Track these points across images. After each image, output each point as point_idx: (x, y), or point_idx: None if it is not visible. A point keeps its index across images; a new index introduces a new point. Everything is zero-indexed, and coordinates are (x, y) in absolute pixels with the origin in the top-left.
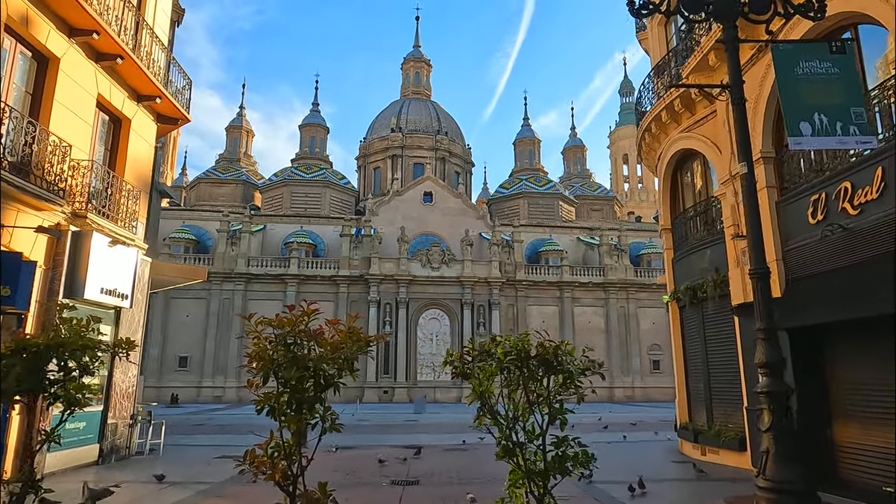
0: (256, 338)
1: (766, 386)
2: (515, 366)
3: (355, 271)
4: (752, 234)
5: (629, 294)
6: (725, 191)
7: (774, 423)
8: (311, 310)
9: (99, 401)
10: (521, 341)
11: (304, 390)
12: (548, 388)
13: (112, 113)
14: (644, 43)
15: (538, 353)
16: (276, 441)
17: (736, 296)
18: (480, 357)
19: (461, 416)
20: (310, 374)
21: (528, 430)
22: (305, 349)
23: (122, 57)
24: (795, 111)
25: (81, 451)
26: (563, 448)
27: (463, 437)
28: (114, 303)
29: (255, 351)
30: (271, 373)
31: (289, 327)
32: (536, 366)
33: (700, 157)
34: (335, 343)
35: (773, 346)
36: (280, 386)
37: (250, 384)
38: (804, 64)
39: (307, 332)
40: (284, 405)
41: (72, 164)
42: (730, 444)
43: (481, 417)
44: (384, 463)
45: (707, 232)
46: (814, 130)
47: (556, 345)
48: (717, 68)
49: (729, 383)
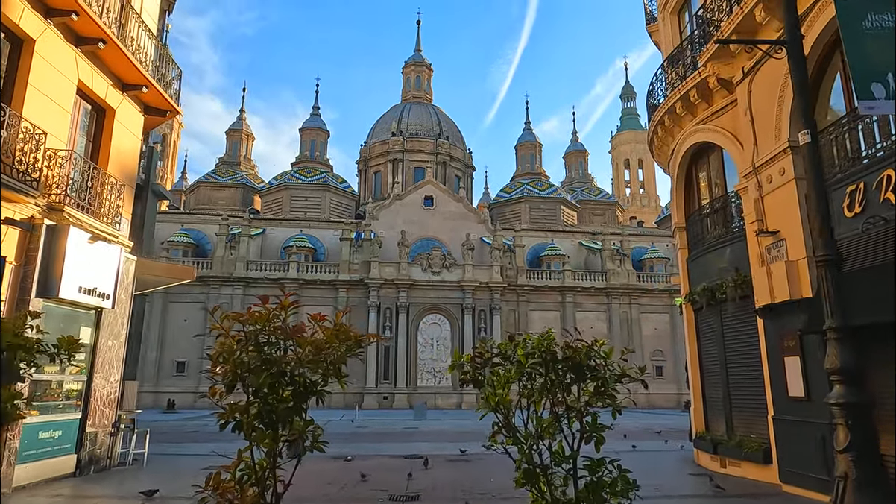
0: (222, 336)
1: (843, 396)
2: (539, 371)
3: (355, 275)
4: (818, 214)
5: (632, 299)
6: (747, 184)
7: (855, 442)
8: (287, 302)
9: (77, 408)
10: (546, 340)
11: (280, 400)
12: (578, 397)
13: (94, 102)
14: (655, 35)
15: (568, 356)
16: (247, 462)
17: (761, 296)
18: (494, 360)
19: (462, 422)
20: (286, 380)
21: (555, 450)
22: (282, 350)
23: (105, 41)
24: (865, 71)
25: (57, 462)
26: (598, 473)
27: (465, 445)
28: (94, 303)
29: (219, 351)
30: (238, 379)
31: (261, 323)
32: (564, 371)
33: (717, 151)
34: (318, 343)
35: (848, 348)
36: (250, 395)
37: (213, 392)
38: (873, 17)
39: (284, 330)
40: (254, 418)
41: (48, 154)
42: (753, 457)
43: (496, 434)
44: (365, 478)
45: (725, 229)
46: (888, 93)
47: (587, 345)
48: (764, 24)
49: (751, 390)
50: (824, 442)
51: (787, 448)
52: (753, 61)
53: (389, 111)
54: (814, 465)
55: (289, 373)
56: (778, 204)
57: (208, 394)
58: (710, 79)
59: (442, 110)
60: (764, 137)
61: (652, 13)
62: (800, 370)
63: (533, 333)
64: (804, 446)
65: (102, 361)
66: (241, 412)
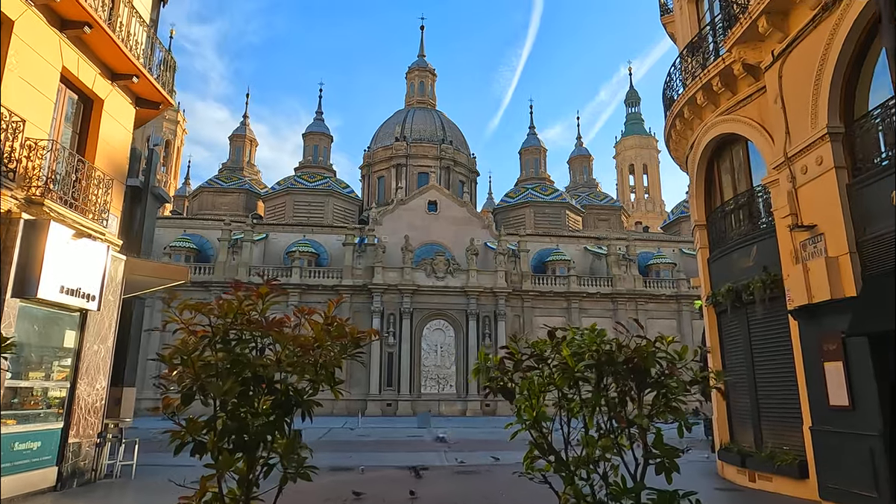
0: (183, 331)
1: None
2: (589, 377)
3: (358, 281)
4: None
5: (638, 305)
6: (778, 177)
7: None
8: (265, 290)
9: (59, 416)
10: (599, 336)
11: (256, 413)
12: (640, 409)
13: (81, 91)
14: (670, 27)
15: (629, 356)
16: (214, 493)
17: (797, 296)
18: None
19: (468, 430)
20: (263, 388)
21: (613, 481)
22: (259, 350)
23: (91, 25)
24: None
25: (35, 475)
26: None
27: (472, 454)
28: (78, 304)
29: (174, 351)
30: (198, 386)
31: (231, 315)
32: (625, 376)
33: (742, 143)
34: (305, 341)
35: None
36: (216, 407)
37: (166, 404)
38: None
39: (259, 324)
40: (220, 438)
41: (27, 143)
42: (786, 470)
43: (533, 459)
44: (361, 496)
45: (751, 226)
46: None
47: (649, 342)
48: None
49: (783, 398)
50: (873, 455)
51: (828, 462)
52: (785, 43)
53: (393, 116)
54: (860, 481)
55: (266, 378)
56: (815, 196)
57: (160, 406)
58: (735, 65)
59: (446, 115)
60: (797, 125)
61: (666, 4)
62: (843, 377)
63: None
64: (848, 460)
65: (87, 367)
66: (204, 429)
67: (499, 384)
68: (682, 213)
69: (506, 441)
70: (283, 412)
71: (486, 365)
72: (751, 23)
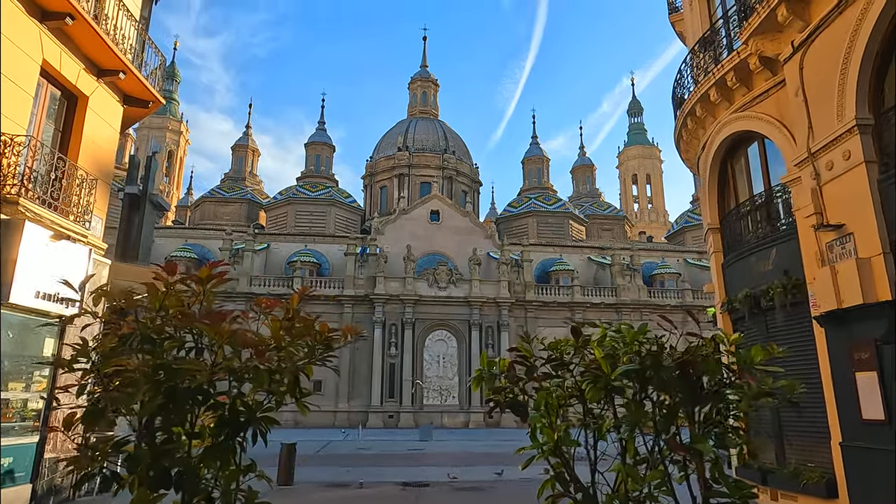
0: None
1: None
2: (630, 386)
3: (360, 291)
4: None
5: (642, 315)
6: (800, 174)
7: None
8: (206, 271)
9: (34, 430)
10: (639, 334)
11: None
12: (697, 428)
13: (64, 87)
14: (679, 25)
15: (683, 360)
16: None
17: (823, 301)
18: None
19: (471, 443)
20: (199, 400)
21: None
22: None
23: (73, 16)
24: None
25: (7, 493)
26: None
27: (475, 469)
28: (57, 310)
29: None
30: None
31: (157, 305)
32: (673, 383)
33: (758, 141)
34: (250, 341)
35: None
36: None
37: (67, 422)
38: None
39: (195, 317)
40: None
41: (2, 139)
42: (813, 489)
43: (554, 498)
44: None
45: (770, 228)
46: None
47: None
48: (785, 25)
49: (808, 411)
50: None
51: (861, 481)
52: (807, 32)
53: (395, 126)
54: None
55: (199, 389)
56: (842, 193)
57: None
58: (752, 59)
59: (448, 125)
60: (821, 119)
61: (675, 2)
62: (877, 388)
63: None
64: (883, 479)
65: (67, 377)
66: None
67: (507, 396)
68: (685, 223)
69: (509, 455)
70: (231, 434)
71: (492, 372)
72: (769, 12)
